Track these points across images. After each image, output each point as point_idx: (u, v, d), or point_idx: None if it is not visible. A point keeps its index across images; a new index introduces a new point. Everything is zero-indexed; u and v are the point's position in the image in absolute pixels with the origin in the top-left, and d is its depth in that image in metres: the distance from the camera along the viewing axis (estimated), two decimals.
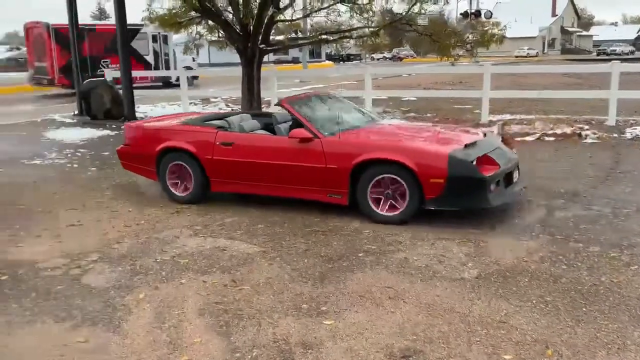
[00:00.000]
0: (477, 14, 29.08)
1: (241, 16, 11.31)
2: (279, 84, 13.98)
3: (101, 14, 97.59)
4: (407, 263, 4.37)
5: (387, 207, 5.34)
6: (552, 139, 9.58)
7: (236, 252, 4.76)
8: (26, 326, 3.56)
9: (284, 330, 3.40)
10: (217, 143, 6.09)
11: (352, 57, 61.13)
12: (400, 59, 57.82)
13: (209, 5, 10.75)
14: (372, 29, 11.22)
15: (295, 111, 5.96)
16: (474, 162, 5.12)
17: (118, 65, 23.66)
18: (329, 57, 57.02)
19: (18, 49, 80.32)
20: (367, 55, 60.97)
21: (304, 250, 4.73)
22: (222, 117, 6.87)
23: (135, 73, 13.97)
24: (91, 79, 13.67)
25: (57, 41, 20.33)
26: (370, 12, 10.99)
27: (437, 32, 12.02)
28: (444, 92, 15.87)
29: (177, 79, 22.15)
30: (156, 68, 23.52)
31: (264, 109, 12.55)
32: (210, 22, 12.70)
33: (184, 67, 25.95)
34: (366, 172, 5.33)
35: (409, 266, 4.31)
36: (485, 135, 6.05)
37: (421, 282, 4.04)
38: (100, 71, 20.15)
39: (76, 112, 14.07)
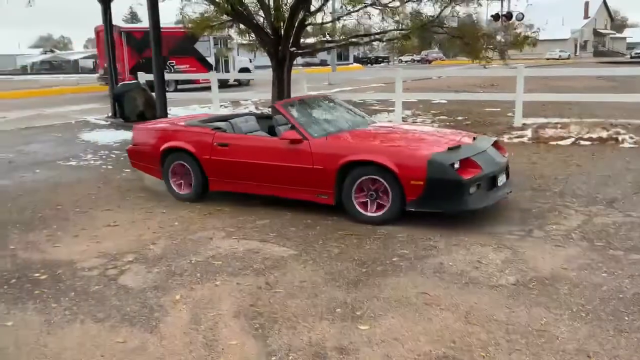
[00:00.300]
0: (509, 16, 28.69)
1: (272, 20, 11.37)
2: (308, 86, 13.98)
3: (132, 17, 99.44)
4: (442, 268, 4.32)
5: (371, 207, 5.50)
6: (588, 143, 9.37)
7: (269, 254, 4.77)
8: (66, 325, 3.62)
9: (319, 335, 3.38)
10: (215, 144, 6.35)
11: (380, 59, 60.94)
12: (429, 61, 57.31)
13: (240, 9, 10.82)
14: (403, 32, 11.14)
15: (288, 113, 6.15)
16: (454, 165, 5.17)
17: (183, 66, 25.51)
18: (357, 59, 57.04)
19: (52, 51, 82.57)
20: (395, 58, 60.73)
21: (337, 253, 4.72)
22: (228, 118, 7.16)
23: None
24: (125, 82, 13.90)
25: (128, 43, 21.94)
26: (402, 15, 10.93)
27: (468, 34, 11.90)
28: (475, 94, 15.65)
29: (234, 79, 24.83)
30: (217, 69, 24.67)
31: None
32: (241, 25, 12.83)
33: (241, 68, 27.70)
34: (351, 173, 5.51)
35: (445, 272, 4.26)
36: (475, 139, 6.07)
37: (457, 288, 3.98)
38: (166, 71, 21.17)
39: (110, 114, 14.32)
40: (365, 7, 11.22)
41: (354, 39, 12.19)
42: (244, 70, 27.63)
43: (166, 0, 11.79)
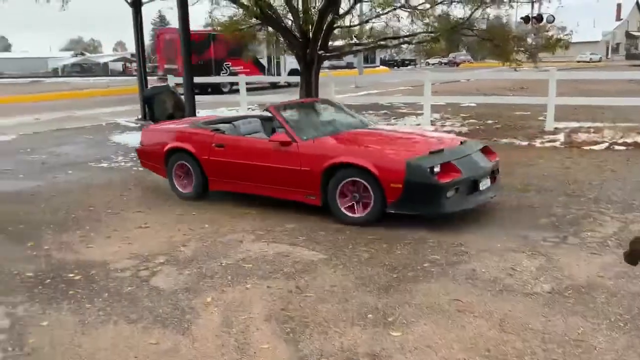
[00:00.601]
0: (539, 18, 28.22)
1: (301, 23, 11.42)
2: (335, 89, 13.97)
3: (161, 21, 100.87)
4: (475, 275, 4.25)
5: (353, 208, 5.65)
6: (622, 148, 9.16)
7: (299, 258, 4.76)
8: (100, 326, 3.66)
9: (351, 340, 3.36)
10: (213, 145, 6.58)
11: (407, 62, 60.61)
12: (457, 64, 56.77)
13: (269, 12, 10.88)
14: (433, 35, 11.06)
15: (280, 116, 6.33)
16: (433, 169, 5.27)
17: (238, 67, 26.56)
18: (383, 62, 56.74)
19: (82, 54, 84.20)
20: (422, 60, 60.36)
21: (367, 258, 4.69)
22: (233, 120, 7.46)
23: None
24: (155, 85, 14.07)
25: None
26: (432, 18, 10.86)
27: (499, 36, 11.76)
28: (505, 98, 15.45)
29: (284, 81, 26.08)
30: (269, 71, 26.08)
31: None
32: (270, 28, 12.90)
33: (291, 70, 28.51)
34: (335, 175, 5.65)
35: (477, 278, 4.20)
36: (462, 143, 6.15)
37: (491, 295, 3.92)
38: (223, 72, 24.81)
39: (139, 116, 14.52)
40: (394, 9, 11.18)
41: (382, 42, 12.15)
42: (294, 71, 27.95)
43: (196, 4, 11.85)
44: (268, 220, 5.89)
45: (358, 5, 12.98)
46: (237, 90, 22.60)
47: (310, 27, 11.20)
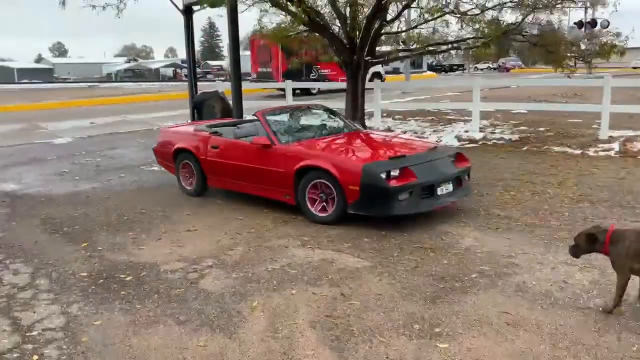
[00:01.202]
0: (593, 23, 27.36)
1: (348, 29, 11.44)
2: (381, 95, 13.89)
3: (211, 28, 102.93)
4: (525, 287, 4.15)
5: (320, 208, 6.01)
6: None
7: (344, 265, 4.76)
8: (150, 327, 3.76)
9: (396, 350, 3.33)
10: (209, 146, 7.17)
11: (455, 67, 59.84)
12: (508, 69, 55.52)
13: (317, 19, 10.94)
14: (483, 40, 10.88)
15: (264, 121, 6.81)
16: (389, 173, 5.62)
17: (326, 70, 28.26)
18: (430, 67, 56.20)
19: (135, 60, 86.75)
20: (470, 66, 59.45)
21: (413, 267, 4.64)
22: (238, 123, 7.98)
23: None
24: (204, 91, 14.34)
25: (283, 50, 23.88)
26: (482, 23, 10.68)
27: (552, 42, 11.46)
28: (557, 105, 15.03)
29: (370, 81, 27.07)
30: None
31: (367, 122, 12.57)
32: (317, 34, 12.97)
33: (374, 73, 30.19)
34: (305, 176, 6.05)
35: (528, 291, 4.09)
36: (434, 148, 6.49)
37: (542, 309, 3.81)
38: (312, 75, 26.63)
39: (189, 121, 14.83)
40: (443, 15, 11.05)
41: (430, 47, 12.03)
42: (376, 74, 29.67)
43: (245, 11, 12.03)
44: (312, 227, 5.91)
45: (406, 11, 12.88)
46: (324, 92, 24.97)
47: (357, 34, 11.21)
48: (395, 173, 5.67)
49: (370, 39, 11.28)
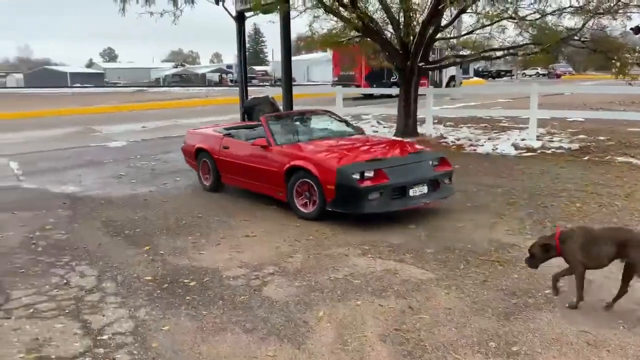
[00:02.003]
0: None
1: (402, 35, 11.33)
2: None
3: (256, 33, 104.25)
4: (603, 305, 3.94)
5: (306, 205, 6.50)
6: None
7: (408, 276, 4.64)
8: (217, 334, 3.73)
9: None
10: (222, 146, 7.85)
11: (502, 73, 58.68)
12: (558, 75, 54.02)
13: (371, 24, 10.86)
14: (542, 46, 10.57)
15: (266, 125, 7.36)
16: (363, 174, 6.02)
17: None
18: (477, 73, 55.26)
19: (182, 65, 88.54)
20: (518, 72, 58.19)
21: (482, 281, 4.48)
22: (253, 126, 8.48)
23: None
24: (255, 97, 14.44)
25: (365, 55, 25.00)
26: (543, 28, 10.38)
27: (612, 48, 11.07)
28: (616, 113, 14.48)
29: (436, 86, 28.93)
30: (432, 78, 28.90)
31: (419, 128, 12.39)
32: (368, 40, 12.90)
33: (450, 76, 31.79)
34: (293, 176, 6.55)
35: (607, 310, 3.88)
36: (417, 153, 6.92)
37: (624, 328, 3.61)
38: (393, 78, 26.94)
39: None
40: (501, 20, 10.81)
41: (485, 53, 11.79)
42: (452, 78, 31.61)
43: (296, 17, 12.07)
44: (372, 235, 5.82)
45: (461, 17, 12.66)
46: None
47: (411, 39, 11.08)
48: (369, 174, 6.06)
49: (424, 45, 11.12)
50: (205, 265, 5.08)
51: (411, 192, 6.22)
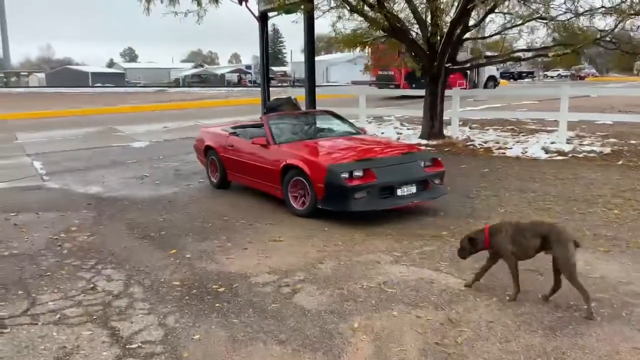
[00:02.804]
0: None
1: (429, 35, 11.11)
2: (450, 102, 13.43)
3: (275, 34, 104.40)
4: None
5: (299, 202, 6.69)
6: None
7: (445, 286, 4.46)
8: (250, 345, 3.59)
9: None
10: (227, 145, 8.10)
11: (524, 74, 57.92)
12: (582, 77, 53.12)
13: (398, 24, 10.67)
14: (573, 47, 10.29)
15: (267, 124, 7.58)
16: (352, 173, 6.19)
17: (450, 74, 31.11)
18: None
19: (201, 66, 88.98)
20: (540, 73, 57.46)
21: (523, 292, 4.25)
22: (259, 125, 8.51)
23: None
24: (277, 97, 14.32)
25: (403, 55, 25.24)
26: (576, 29, 10.11)
27: None
28: None
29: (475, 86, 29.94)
30: (470, 78, 29.89)
31: (445, 130, 12.16)
32: (393, 40, 12.70)
33: (489, 76, 32.12)
34: (287, 174, 6.76)
35: None
36: (409, 153, 6.98)
37: None
38: (442, 79, 27.49)
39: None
40: (530, 20, 10.55)
41: (515, 54, 11.52)
42: (492, 78, 31.90)
43: (320, 18, 11.92)
44: (403, 241, 5.64)
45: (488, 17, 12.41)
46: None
47: (438, 39, 10.86)
48: (358, 173, 6.23)
49: (452, 45, 10.90)
50: (234, 270, 4.95)
51: (399, 192, 6.40)
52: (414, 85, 26.83)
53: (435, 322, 3.84)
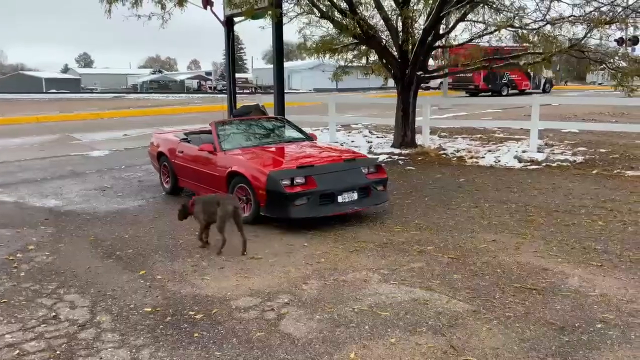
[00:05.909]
0: (635, 40, 26.44)
1: (400, 42, 10.94)
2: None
3: (235, 41, 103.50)
4: None
5: (243, 209, 6.52)
6: None
7: (441, 307, 4.18)
8: None
9: None
10: (177, 151, 8.13)
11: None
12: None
13: (370, 32, 10.45)
14: (542, 55, 10.28)
15: (214, 130, 7.57)
16: (293, 180, 6.25)
17: (514, 76, 32.74)
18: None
19: (160, 71, 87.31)
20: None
21: (524, 313, 4.04)
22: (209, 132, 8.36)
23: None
24: (245, 105, 13.93)
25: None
26: (550, 37, 10.10)
27: (608, 55, 10.86)
28: (611, 125, 14.24)
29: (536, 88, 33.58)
30: (532, 80, 32.44)
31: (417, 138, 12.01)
32: (362, 48, 12.50)
33: (546, 79, 34.93)
34: (232, 180, 6.77)
35: None
36: (351, 160, 6.95)
37: None
38: (503, 79, 31.99)
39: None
40: (498, 30, 10.51)
41: (485, 63, 11.47)
42: (548, 81, 34.34)
43: (287, 23, 11.62)
44: (389, 257, 5.36)
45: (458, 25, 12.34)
46: (509, 95, 30.70)
47: (410, 48, 10.70)
48: (300, 180, 6.29)
49: (424, 53, 10.75)
50: (210, 293, 4.55)
51: (340, 199, 6.44)
52: (490, 86, 29.59)
53: (437, 349, 3.55)
